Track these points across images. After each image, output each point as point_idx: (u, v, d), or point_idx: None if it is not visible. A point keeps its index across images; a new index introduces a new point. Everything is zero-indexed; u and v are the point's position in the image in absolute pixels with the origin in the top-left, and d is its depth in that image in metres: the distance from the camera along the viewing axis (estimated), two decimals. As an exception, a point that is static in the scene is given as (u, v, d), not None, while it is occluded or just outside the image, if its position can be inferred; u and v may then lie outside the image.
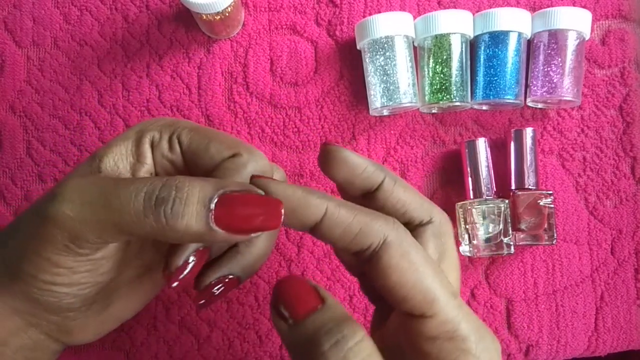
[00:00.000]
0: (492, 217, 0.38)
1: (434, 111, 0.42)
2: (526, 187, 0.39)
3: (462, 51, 0.39)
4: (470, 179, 0.39)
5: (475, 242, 0.38)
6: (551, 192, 0.38)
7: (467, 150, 0.39)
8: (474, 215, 0.38)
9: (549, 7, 0.40)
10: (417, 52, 0.41)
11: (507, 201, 0.38)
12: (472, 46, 0.40)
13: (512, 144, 0.40)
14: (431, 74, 0.39)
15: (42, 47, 0.42)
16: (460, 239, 0.39)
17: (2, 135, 0.41)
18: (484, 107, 0.41)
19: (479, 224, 0.38)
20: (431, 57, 0.39)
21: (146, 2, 0.42)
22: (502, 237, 0.38)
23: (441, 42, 0.39)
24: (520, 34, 0.39)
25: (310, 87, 0.42)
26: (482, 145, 0.39)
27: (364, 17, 0.42)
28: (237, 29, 0.42)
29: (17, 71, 0.42)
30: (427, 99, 0.39)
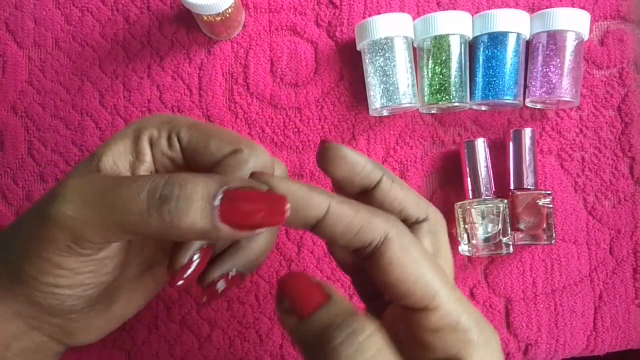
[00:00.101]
0: (491, 217, 0.38)
1: (433, 112, 0.42)
2: (525, 187, 0.39)
3: (461, 52, 0.39)
4: (469, 179, 0.40)
5: (474, 241, 0.39)
6: (550, 192, 0.38)
7: (466, 150, 0.40)
8: (473, 215, 0.38)
9: (547, 8, 0.40)
10: (416, 53, 0.41)
11: (506, 201, 0.39)
12: (471, 47, 0.41)
13: (511, 144, 0.40)
14: (430, 75, 0.39)
15: (43, 48, 0.42)
16: (459, 239, 0.40)
17: (3, 135, 0.42)
18: (483, 108, 0.42)
19: (478, 224, 0.38)
20: (430, 58, 0.39)
21: (147, 3, 0.42)
22: (501, 236, 0.38)
23: (440, 43, 0.39)
24: (519, 35, 0.39)
25: (310, 87, 0.42)
26: (481, 145, 0.39)
27: (364, 18, 0.42)
28: (238, 30, 0.42)
29: (18, 72, 0.42)
30: (426, 99, 0.40)
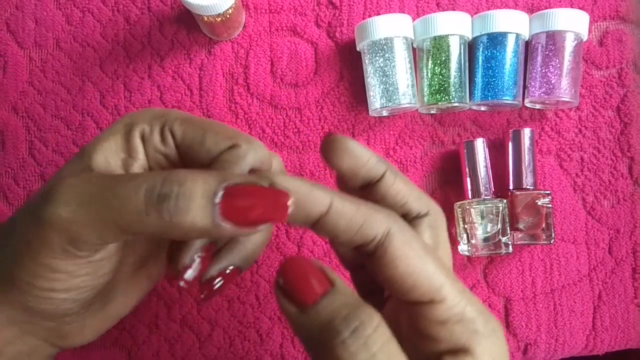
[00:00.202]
0: (491, 216, 0.38)
1: (432, 112, 0.42)
2: (524, 187, 0.39)
3: (460, 52, 0.39)
4: (468, 179, 0.40)
5: (473, 241, 0.39)
6: (549, 192, 0.39)
7: (465, 150, 0.40)
8: (472, 215, 0.39)
9: (546, 8, 0.41)
10: (416, 53, 0.41)
11: (505, 201, 0.39)
12: (471, 47, 0.41)
13: (510, 144, 0.40)
14: (430, 75, 0.39)
15: (44, 48, 0.42)
16: (458, 239, 0.40)
17: (4, 135, 0.42)
18: (483, 108, 0.42)
19: (477, 224, 0.38)
20: (430, 59, 0.39)
21: (148, 4, 0.42)
22: (500, 236, 0.38)
23: (440, 44, 0.39)
24: (518, 36, 0.39)
25: (310, 88, 0.42)
26: (480, 145, 0.39)
27: (364, 18, 0.42)
28: (238, 30, 0.42)
29: (19, 72, 0.42)
30: (426, 99, 0.40)
